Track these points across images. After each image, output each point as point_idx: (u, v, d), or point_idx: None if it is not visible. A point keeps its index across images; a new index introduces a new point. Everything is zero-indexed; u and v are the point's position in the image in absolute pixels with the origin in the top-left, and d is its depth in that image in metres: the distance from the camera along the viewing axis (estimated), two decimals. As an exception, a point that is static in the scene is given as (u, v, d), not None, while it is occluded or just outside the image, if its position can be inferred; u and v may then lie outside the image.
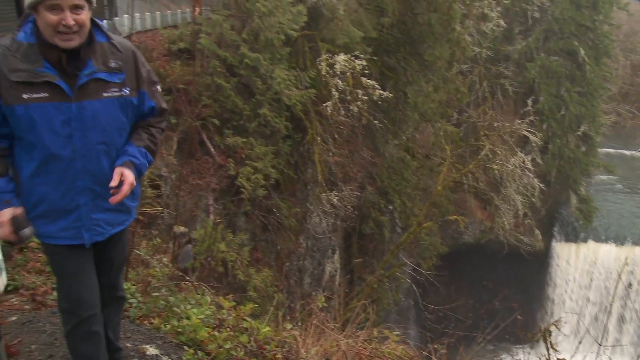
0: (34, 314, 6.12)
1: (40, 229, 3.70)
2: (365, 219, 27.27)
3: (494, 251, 36.03)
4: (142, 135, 3.71)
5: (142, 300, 6.84)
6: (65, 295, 3.86)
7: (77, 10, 3.21)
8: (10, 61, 3.26)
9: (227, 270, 17.27)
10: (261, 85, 21.51)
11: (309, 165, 24.51)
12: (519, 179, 29.46)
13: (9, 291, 6.56)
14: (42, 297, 6.48)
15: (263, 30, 21.60)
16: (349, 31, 24.54)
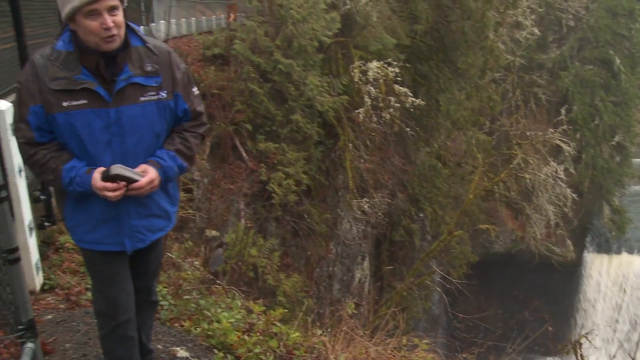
0: (68, 313, 6.21)
1: (83, 236, 3.77)
2: (396, 226, 27.21)
3: (524, 261, 35.78)
4: (175, 140, 3.73)
5: (174, 303, 6.90)
6: (103, 299, 3.95)
7: (113, 12, 3.25)
8: (50, 70, 3.33)
9: (258, 274, 17.34)
10: (294, 92, 21.59)
11: (340, 171, 24.53)
12: (551, 188, 29.24)
13: (45, 290, 6.66)
14: (76, 297, 6.56)
15: (297, 37, 21.69)
16: (382, 38, 24.53)
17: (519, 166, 28.08)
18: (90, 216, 3.63)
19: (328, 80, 23.11)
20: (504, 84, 37.14)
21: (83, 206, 3.62)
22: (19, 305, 4.20)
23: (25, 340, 4.18)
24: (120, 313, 3.90)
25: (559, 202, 30.03)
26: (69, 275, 7.06)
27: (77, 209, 3.65)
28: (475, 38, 26.49)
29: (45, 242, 7.55)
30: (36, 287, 6.39)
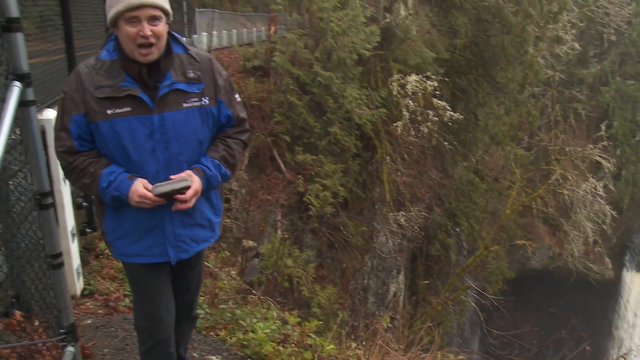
0: (107, 318, 6.26)
1: (125, 249, 3.74)
2: (432, 241, 27.14)
3: (561, 278, 35.38)
4: (219, 147, 3.71)
5: (209, 312, 6.94)
6: (144, 316, 3.94)
7: (154, 22, 3.29)
8: (95, 79, 3.37)
9: (293, 285, 17.37)
10: (333, 104, 21.70)
11: (377, 184, 24.55)
12: (590, 205, 28.89)
13: (85, 295, 6.75)
14: (114, 303, 6.63)
15: (336, 50, 21.81)
16: (421, 52, 24.56)
17: (558, 182, 27.85)
18: (133, 226, 3.63)
19: (367, 93, 23.19)
20: (543, 98, 36.91)
21: (125, 216, 3.62)
22: (61, 309, 4.30)
23: (66, 344, 4.27)
24: (162, 331, 3.91)
25: (598, 219, 29.65)
26: (108, 281, 7.14)
27: (119, 220, 3.66)
28: (515, 52, 26.37)
29: (86, 248, 7.67)
30: (77, 292, 6.48)
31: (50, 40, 6.99)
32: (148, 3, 3.25)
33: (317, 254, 21.81)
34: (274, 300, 9.95)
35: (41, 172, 3.89)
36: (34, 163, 3.85)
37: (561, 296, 35.50)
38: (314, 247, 21.54)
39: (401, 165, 24.30)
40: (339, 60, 21.75)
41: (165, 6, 3.35)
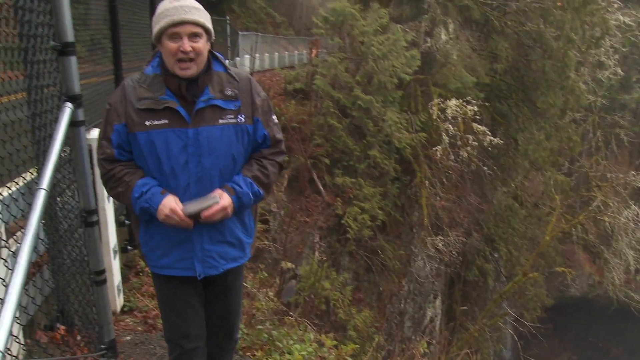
0: (145, 335, 6.39)
1: (157, 261, 3.80)
2: (470, 266, 26.97)
3: (602, 307, 34.84)
4: (252, 166, 3.75)
5: (247, 332, 6.98)
6: (171, 327, 3.99)
7: (194, 39, 3.40)
8: (138, 91, 3.50)
9: (329, 308, 17.36)
10: (372, 127, 21.77)
11: (415, 208, 24.51)
12: (631, 232, 28.42)
13: (125, 312, 6.88)
14: (153, 320, 6.75)
15: (377, 73, 21.90)
16: (461, 76, 24.54)
17: (598, 209, 27.51)
18: (164, 238, 3.71)
19: (406, 117, 23.22)
20: (584, 124, 36.51)
21: (156, 229, 3.70)
22: (102, 325, 4.39)
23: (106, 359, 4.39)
24: (189, 342, 3.93)
25: (640, 247, 29.21)
26: (148, 298, 7.25)
27: (151, 233, 3.75)
28: (556, 77, 26.20)
29: (127, 265, 7.80)
30: (117, 308, 6.58)
31: (100, 62, 7.18)
32: (189, 20, 3.38)
33: (354, 276, 21.80)
34: (310, 322, 9.98)
35: (88, 190, 4.01)
36: (81, 181, 3.97)
37: (601, 325, 34.94)
38: (351, 269, 21.54)
39: (440, 189, 24.25)
40: (380, 83, 21.84)
41: (206, 24, 3.46)
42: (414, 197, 24.36)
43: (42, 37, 3.74)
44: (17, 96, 3.35)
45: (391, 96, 22.38)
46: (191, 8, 3.41)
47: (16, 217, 3.93)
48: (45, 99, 3.98)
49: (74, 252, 4.60)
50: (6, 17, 3.29)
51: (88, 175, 4.00)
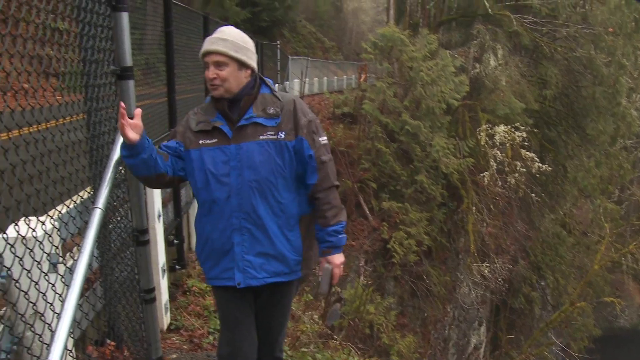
0: (191, 354, 6.39)
1: (208, 272, 3.95)
2: (516, 293, 26.66)
3: (652, 338, 34.19)
4: (319, 210, 3.89)
5: (291, 354, 7.01)
6: (225, 343, 4.07)
7: (220, 67, 3.64)
8: (196, 117, 3.81)
9: (373, 332, 17.32)
10: (420, 152, 21.78)
11: (462, 234, 24.39)
12: (684, 263, 27.91)
13: (171, 330, 6.92)
14: (199, 339, 6.78)
15: (425, 99, 21.95)
16: (510, 102, 24.46)
17: (649, 238, 27.03)
18: (213, 250, 3.85)
19: (454, 143, 23.19)
20: (635, 151, 35.94)
21: (206, 241, 3.86)
22: (151, 342, 4.50)
23: (153, 376, 4.48)
24: (239, 359, 3.99)
25: (692, 278, 28.65)
26: (194, 317, 7.29)
27: (202, 244, 3.91)
28: (607, 104, 25.94)
29: (174, 284, 7.90)
30: (164, 326, 6.65)
31: (154, 85, 7.33)
32: (212, 50, 3.64)
33: (399, 301, 21.73)
34: (354, 346, 9.99)
35: (141, 210, 4.15)
36: (134, 201, 4.11)
37: (652, 358, 34.23)
38: (395, 294, 21.48)
39: (487, 215, 24.09)
40: (428, 109, 21.88)
41: (230, 53, 3.65)
42: (460, 223, 24.25)
43: (103, 62, 3.90)
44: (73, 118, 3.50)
45: (439, 121, 22.40)
46: (218, 40, 3.67)
47: (73, 234, 4.07)
48: (103, 121, 4.13)
49: (125, 270, 4.71)
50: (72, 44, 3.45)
51: (141, 196, 4.14)
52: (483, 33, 26.66)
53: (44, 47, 2.95)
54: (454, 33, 30.21)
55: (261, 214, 3.74)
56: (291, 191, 3.84)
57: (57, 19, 3.17)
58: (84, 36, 3.51)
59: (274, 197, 3.77)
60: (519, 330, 27.43)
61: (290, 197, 3.83)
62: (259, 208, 3.74)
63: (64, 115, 3.35)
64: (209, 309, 7.33)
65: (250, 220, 3.74)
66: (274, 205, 3.77)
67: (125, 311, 4.84)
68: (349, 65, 44.51)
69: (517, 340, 26.40)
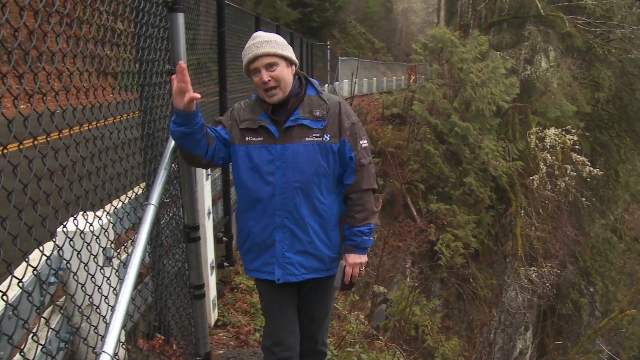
0: (237, 350, 6.45)
1: (248, 264, 4.03)
2: (564, 299, 26.32)
3: None
4: (350, 210, 3.92)
5: (336, 354, 7.04)
6: (268, 335, 4.14)
7: (271, 68, 3.64)
8: (242, 114, 3.83)
9: (418, 334, 17.27)
10: (469, 154, 21.66)
11: (509, 237, 24.18)
12: None
13: (218, 326, 6.98)
14: (245, 336, 6.84)
15: (475, 100, 21.81)
16: (561, 105, 24.19)
17: None
18: (255, 244, 3.93)
19: (503, 145, 23.02)
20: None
21: (248, 235, 3.94)
22: (199, 338, 4.57)
23: (201, 371, 4.55)
24: (281, 350, 4.06)
25: None
26: (241, 314, 7.38)
27: (244, 237, 3.99)
28: (663, 107, 25.56)
29: (222, 281, 7.97)
30: (211, 322, 6.71)
31: (205, 85, 7.42)
32: (260, 54, 3.64)
33: (445, 304, 21.62)
34: (399, 347, 9.98)
35: (193, 207, 4.22)
36: (186, 198, 4.18)
37: None
38: (441, 296, 21.38)
39: (535, 219, 23.85)
40: (477, 111, 21.74)
41: (279, 52, 3.68)
42: (508, 226, 24.04)
43: (158, 61, 3.99)
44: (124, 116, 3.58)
45: (489, 123, 22.25)
46: (262, 42, 3.70)
47: (127, 230, 4.17)
48: (157, 119, 4.23)
49: (175, 266, 4.80)
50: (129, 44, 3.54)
51: (193, 193, 4.21)
52: (535, 34, 26.41)
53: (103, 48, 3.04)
54: (505, 34, 29.97)
55: (303, 214, 3.81)
56: (333, 192, 3.91)
57: (116, 20, 3.26)
58: (141, 36, 3.60)
59: (317, 198, 3.83)
60: (566, 336, 27.06)
61: (332, 198, 3.89)
62: (302, 208, 3.81)
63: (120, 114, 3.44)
64: (256, 306, 7.39)
65: (292, 220, 3.82)
66: (317, 206, 3.84)
67: (175, 306, 4.92)
68: (399, 66, 44.41)
69: (564, 347, 26.06)
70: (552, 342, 25.16)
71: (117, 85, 3.57)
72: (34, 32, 2.14)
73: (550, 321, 26.20)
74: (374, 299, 14.32)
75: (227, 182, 7.95)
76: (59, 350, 3.14)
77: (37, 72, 2.18)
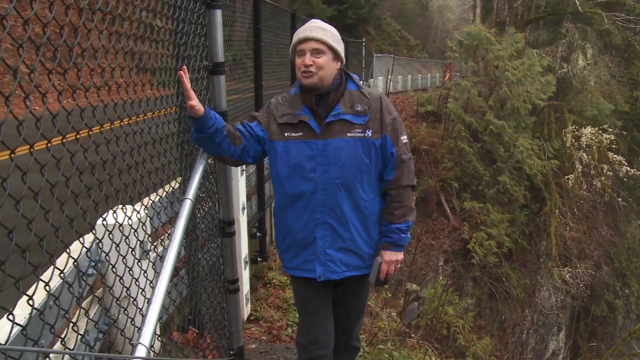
0: (270, 345, 6.54)
1: (287, 262, 4.04)
2: (598, 300, 26.03)
3: None
4: (388, 206, 3.91)
5: (367, 350, 7.06)
6: (303, 332, 4.16)
7: (317, 54, 3.66)
8: (280, 108, 3.82)
9: (450, 333, 17.20)
10: (503, 153, 21.53)
11: (543, 237, 23.98)
12: None
13: (251, 320, 7.08)
14: (277, 331, 6.93)
15: (510, 98, 21.67)
16: (598, 103, 23.95)
17: None
18: (294, 242, 3.92)
19: (539, 144, 22.84)
20: None
21: (287, 233, 3.94)
22: (233, 332, 4.60)
23: (234, 365, 4.59)
24: (316, 347, 4.08)
25: None
26: (273, 309, 7.45)
27: (283, 235, 3.99)
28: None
29: (255, 276, 8.04)
30: (244, 316, 6.77)
31: (240, 81, 7.46)
32: (311, 37, 3.66)
33: (477, 302, 21.51)
34: (431, 345, 9.97)
35: (228, 202, 4.25)
36: (222, 193, 4.22)
37: None
38: (474, 295, 21.27)
39: (570, 219, 23.63)
40: (513, 109, 21.60)
41: (328, 41, 3.69)
42: (542, 226, 23.85)
43: (195, 57, 4.02)
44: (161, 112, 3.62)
45: (524, 122, 22.10)
46: (316, 27, 3.71)
47: (163, 223, 4.23)
48: (194, 115, 4.26)
49: (210, 260, 4.84)
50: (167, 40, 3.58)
51: (229, 188, 4.25)
52: (572, 32, 26.14)
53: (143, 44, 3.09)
54: (541, 32, 29.71)
55: (345, 210, 3.79)
56: (375, 189, 3.89)
57: (155, 17, 3.30)
58: (178, 33, 3.64)
59: (358, 195, 3.81)
60: (600, 338, 26.74)
61: (374, 195, 3.88)
62: (344, 205, 3.78)
63: (158, 109, 3.49)
64: (289, 302, 7.43)
65: (333, 216, 3.79)
66: (359, 202, 3.82)
67: (209, 300, 4.97)
68: (433, 64, 44.24)
69: (598, 349, 25.76)
70: (586, 344, 24.91)
71: (155, 81, 3.61)
72: (78, 29, 2.19)
73: (584, 322, 25.93)
74: (407, 296, 14.28)
75: (262, 178, 8.01)
76: (96, 340, 3.20)
77: (80, 68, 2.23)
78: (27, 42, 1.85)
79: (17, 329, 2.00)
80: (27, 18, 1.87)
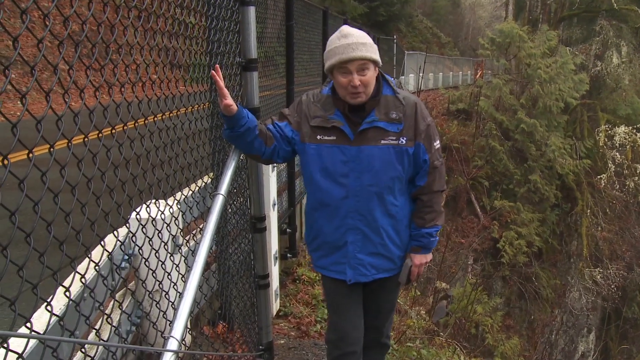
0: (298, 341, 6.53)
1: (317, 261, 4.04)
2: (630, 302, 25.73)
3: None
4: (419, 211, 3.88)
5: (396, 348, 7.05)
6: (333, 329, 4.16)
7: (363, 71, 3.54)
8: (312, 108, 3.75)
9: (478, 332, 17.13)
10: (535, 152, 21.38)
11: (574, 237, 23.78)
12: None
13: (280, 316, 7.09)
14: (306, 327, 6.93)
15: (542, 97, 21.51)
16: (632, 102, 23.70)
17: None
18: (325, 242, 3.91)
19: (571, 143, 22.65)
20: None
21: (319, 233, 3.93)
22: (262, 327, 4.63)
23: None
24: (346, 344, 4.07)
25: None
26: (302, 305, 7.44)
27: (314, 235, 3.98)
28: None
29: (285, 272, 8.06)
30: (273, 312, 6.80)
31: (271, 77, 7.49)
32: (357, 57, 3.54)
33: (506, 302, 21.39)
34: (460, 344, 9.93)
35: (260, 198, 4.27)
36: (254, 189, 4.23)
37: None
38: (503, 294, 21.16)
39: (602, 219, 23.40)
40: (545, 107, 21.45)
41: (372, 57, 3.60)
42: (573, 226, 23.65)
43: (228, 54, 4.04)
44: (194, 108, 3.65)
45: (556, 120, 21.93)
46: (358, 45, 3.60)
47: (195, 218, 4.27)
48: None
49: (241, 255, 4.87)
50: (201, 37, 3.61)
51: (261, 184, 4.26)
52: (606, 29, 25.88)
53: (177, 41, 3.12)
54: (575, 29, 29.43)
55: (377, 217, 3.78)
56: (405, 193, 3.88)
57: (189, 14, 3.33)
58: (212, 29, 3.66)
59: (390, 200, 3.81)
60: (632, 341, 26.44)
61: (404, 199, 3.87)
62: (376, 211, 3.78)
63: (191, 105, 3.52)
64: (317, 298, 7.44)
65: (365, 222, 3.79)
66: (390, 208, 3.82)
67: (239, 295, 5.00)
68: (465, 62, 43.96)
69: (629, 352, 25.51)
70: (617, 346, 24.66)
71: (188, 78, 3.64)
72: (115, 26, 2.22)
73: (615, 324, 25.66)
74: (436, 295, 14.23)
75: (293, 175, 8.02)
76: (129, 332, 3.24)
77: (117, 64, 2.26)
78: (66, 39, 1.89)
79: (55, 319, 2.04)
80: (68, 16, 1.90)
